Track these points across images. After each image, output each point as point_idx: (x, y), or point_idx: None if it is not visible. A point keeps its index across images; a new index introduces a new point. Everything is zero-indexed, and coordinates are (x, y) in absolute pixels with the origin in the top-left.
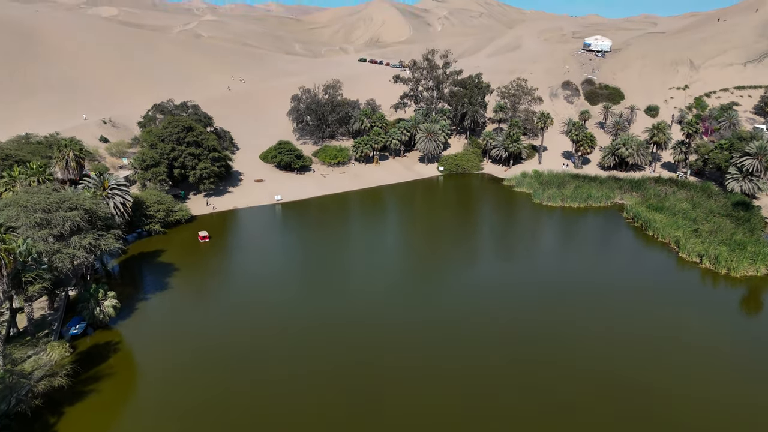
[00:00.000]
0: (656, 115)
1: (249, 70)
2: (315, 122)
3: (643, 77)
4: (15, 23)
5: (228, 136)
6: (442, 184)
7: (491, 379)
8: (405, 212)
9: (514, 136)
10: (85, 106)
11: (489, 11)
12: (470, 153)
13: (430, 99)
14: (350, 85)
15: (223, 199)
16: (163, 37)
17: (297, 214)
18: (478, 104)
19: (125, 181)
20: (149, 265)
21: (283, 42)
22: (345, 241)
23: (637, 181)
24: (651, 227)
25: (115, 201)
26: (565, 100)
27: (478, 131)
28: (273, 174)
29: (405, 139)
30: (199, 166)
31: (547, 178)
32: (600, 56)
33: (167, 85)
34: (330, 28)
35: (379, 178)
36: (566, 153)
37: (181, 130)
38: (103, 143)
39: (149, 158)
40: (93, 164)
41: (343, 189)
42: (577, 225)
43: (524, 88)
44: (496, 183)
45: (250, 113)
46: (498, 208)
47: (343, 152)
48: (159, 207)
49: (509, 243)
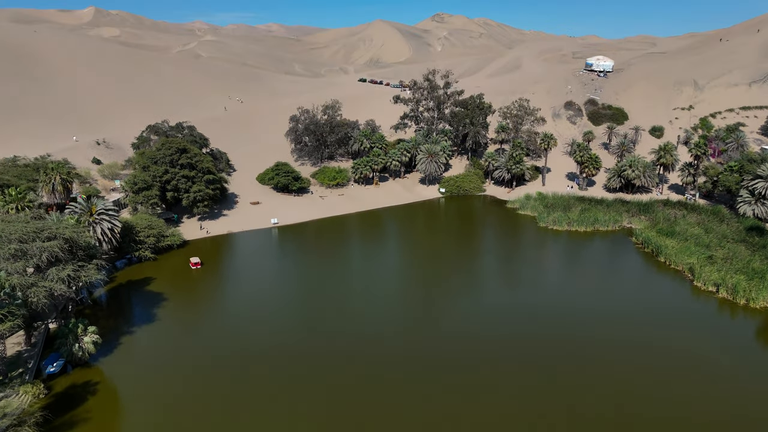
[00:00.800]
0: (661, 135)
1: (248, 91)
2: (313, 143)
3: (647, 97)
4: (10, 43)
5: (224, 157)
6: (444, 207)
7: (494, 412)
8: (405, 236)
9: (517, 158)
10: (79, 127)
11: (489, 32)
12: (472, 174)
13: (431, 119)
14: (350, 106)
15: (217, 223)
16: (162, 57)
17: (294, 238)
18: (480, 125)
19: (114, 206)
20: (137, 294)
21: (282, 62)
22: (343, 268)
23: (644, 204)
24: (662, 253)
25: (102, 227)
26: (567, 120)
27: (480, 152)
28: (270, 196)
29: (405, 160)
30: (192, 189)
31: (551, 200)
32: (602, 76)
33: (164, 106)
34: (330, 48)
35: (378, 200)
36: (570, 174)
37: (174, 151)
38: (96, 165)
39: (141, 181)
40: (84, 187)
41: (342, 211)
42: (584, 250)
43: (527, 109)
44: (499, 205)
45: (248, 134)
46: (502, 232)
47: (342, 174)
48: (149, 232)
49: (514, 269)
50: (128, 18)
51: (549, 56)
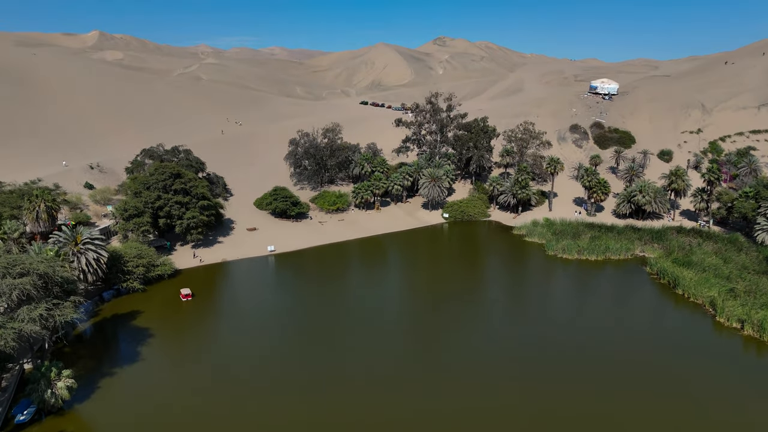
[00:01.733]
0: (670, 159)
1: (248, 113)
2: (313, 167)
3: (654, 121)
4: (7, 65)
5: (221, 182)
6: (448, 233)
7: None
8: (408, 264)
9: (523, 182)
10: (74, 151)
11: (490, 55)
12: (476, 199)
13: (434, 143)
14: (351, 129)
15: (212, 251)
16: (162, 80)
17: (291, 266)
18: (484, 148)
19: (100, 234)
20: (123, 329)
21: (284, 85)
22: (342, 299)
23: (657, 231)
24: (680, 285)
25: (87, 257)
26: (573, 143)
27: (484, 176)
28: (267, 222)
29: (408, 184)
30: (186, 216)
31: (560, 227)
32: (607, 99)
33: (162, 129)
34: (332, 71)
35: (380, 226)
36: (578, 199)
37: (168, 177)
38: (88, 190)
39: (132, 208)
40: (74, 213)
41: (342, 238)
42: (596, 281)
43: (532, 132)
44: (505, 232)
45: (246, 157)
46: (509, 261)
47: (342, 198)
48: (138, 262)
49: (523, 300)
50: (132, 42)
51: (551, 79)
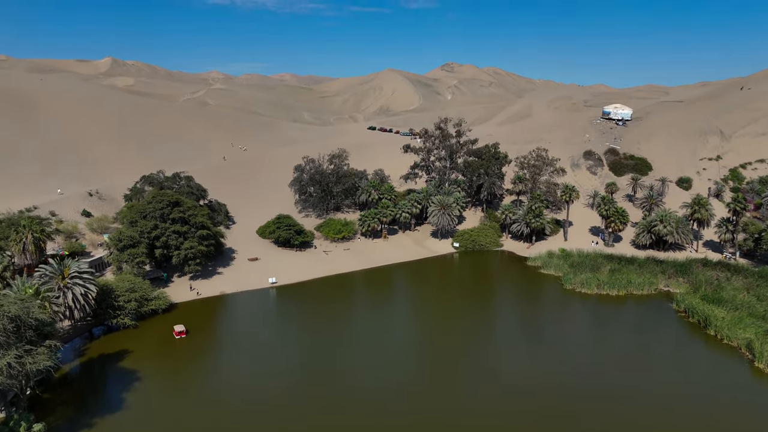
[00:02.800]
0: (689, 187)
1: (254, 138)
2: (319, 194)
3: (671, 147)
4: (14, 90)
5: (223, 209)
6: (458, 263)
7: None
8: (416, 298)
9: (537, 210)
10: (74, 177)
11: (498, 80)
12: (488, 228)
13: (443, 169)
14: (358, 154)
15: (210, 282)
16: (168, 105)
17: (293, 300)
18: (496, 175)
19: (89, 266)
20: (110, 370)
21: (292, 110)
22: (347, 337)
23: (681, 264)
24: (711, 325)
25: (74, 292)
26: (587, 170)
27: (495, 204)
28: (270, 251)
29: (416, 212)
30: (184, 246)
31: (577, 258)
32: (621, 125)
33: (166, 154)
34: (340, 96)
35: (387, 256)
36: (594, 229)
37: (166, 205)
38: (86, 218)
39: (126, 238)
40: (68, 242)
41: (348, 268)
42: (619, 318)
43: (545, 159)
44: (518, 263)
45: (250, 184)
46: (524, 295)
47: (348, 226)
48: (130, 296)
49: (539, 339)
50: (144, 68)
51: (559, 104)
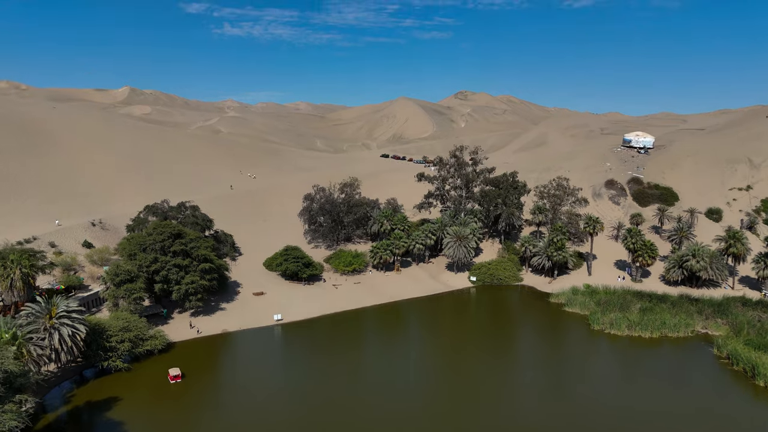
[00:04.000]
0: (720, 219)
1: (264, 166)
2: (329, 224)
3: (698, 176)
4: (24, 118)
5: (230, 240)
6: (475, 299)
7: None
8: (432, 339)
9: (559, 243)
10: (79, 206)
11: (512, 108)
12: (506, 261)
13: (459, 199)
14: (370, 183)
15: (212, 319)
16: (179, 133)
17: (299, 339)
18: (514, 205)
19: (80, 305)
20: (97, 421)
21: (304, 138)
22: (356, 380)
23: (718, 303)
24: (759, 375)
25: (61, 333)
26: (610, 200)
27: (514, 235)
28: (277, 285)
29: (430, 243)
30: (184, 281)
31: (604, 295)
32: (643, 153)
33: (174, 183)
34: (353, 124)
35: (400, 291)
36: (620, 263)
37: (167, 237)
38: (87, 249)
39: (124, 272)
40: (65, 275)
41: (358, 304)
42: (654, 365)
43: (566, 188)
44: (540, 299)
45: (259, 213)
46: (548, 337)
47: (359, 258)
48: (124, 336)
49: (566, 387)
50: (161, 97)
51: (575, 132)
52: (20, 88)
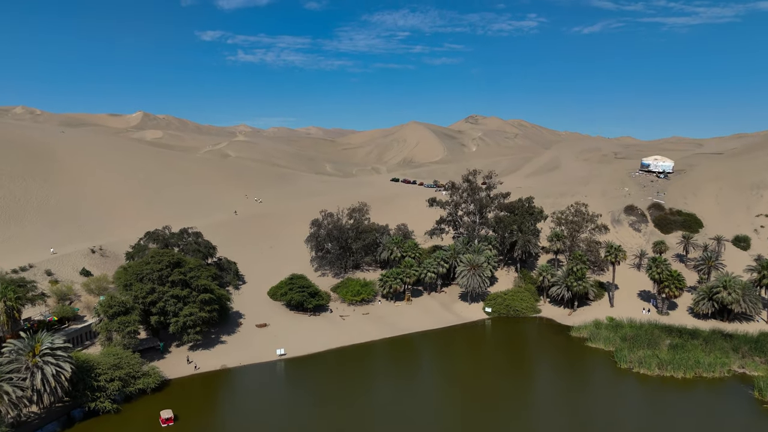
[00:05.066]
0: (748, 247)
1: (272, 190)
2: (336, 251)
3: (722, 202)
4: (32, 142)
5: (233, 268)
6: (491, 333)
7: None
8: (445, 376)
9: (579, 273)
10: (79, 232)
11: (524, 132)
12: (523, 291)
13: (472, 225)
14: (380, 207)
15: (212, 353)
16: (187, 157)
17: (303, 376)
18: (530, 232)
19: (66, 341)
20: None
21: (314, 162)
22: (364, 424)
23: (755, 339)
24: None
25: (45, 372)
26: (630, 226)
27: (530, 263)
28: (281, 315)
29: (443, 271)
30: (183, 312)
31: (629, 330)
32: (662, 178)
33: (178, 207)
34: (363, 149)
35: (411, 323)
36: (643, 293)
37: (165, 266)
38: (84, 277)
39: (118, 304)
40: (59, 306)
41: (366, 337)
42: (689, 410)
43: (584, 214)
44: (560, 333)
45: (264, 238)
46: (571, 376)
47: (367, 288)
48: (114, 374)
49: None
50: (173, 122)
51: (589, 156)
52: (35, 113)
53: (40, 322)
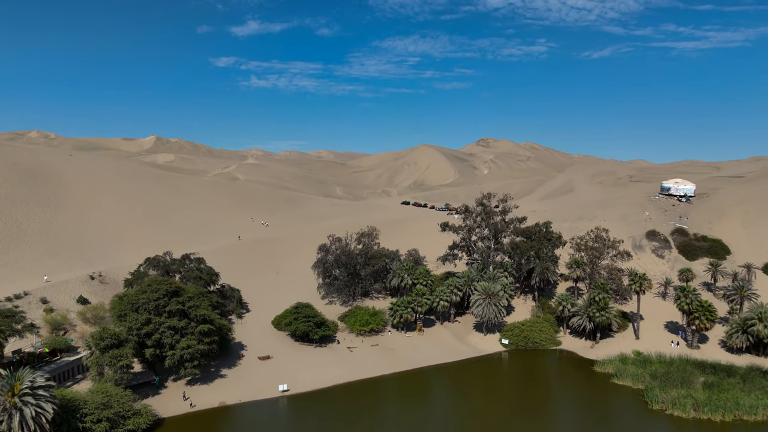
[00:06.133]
0: None
1: (280, 214)
2: (345, 277)
3: (750, 227)
4: (38, 167)
5: (236, 295)
6: (509, 367)
7: None
8: (459, 417)
9: (601, 302)
10: (80, 257)
11: (536, 155)
12: (542, 321)
13: (486, 250)
14: (390, 232)
15: (210, 389)
16: (194, 181)
17: (307, 415)
18: (549, 259)
19: (46, 381)
20: None
21: (324, 185)
22: None
23: None
24: None
25: (24, 414)
26: (653, 253)
27: (548, 291)
28: (285, 347)
29: (456, 300)
30: (179, 345)
31: (659, 366)
32: (684, 202)
33: (182, 232)
34: (374, 171)
35: (423, 356)
36: (670, 325)
37: (162, 295)
38: (81, 305)
39: (110, 336)
40: (51, 337)
41: (375, 371)
42: None
43: (605, 240)
44: (583, 367)
45: (270, 264)
46: (599, 417)
47: (376, 317)
48: (102, 414)
49: None
50: (185, 145)
51: (603, 179)
52: (49, 137)
53: (30, 354)
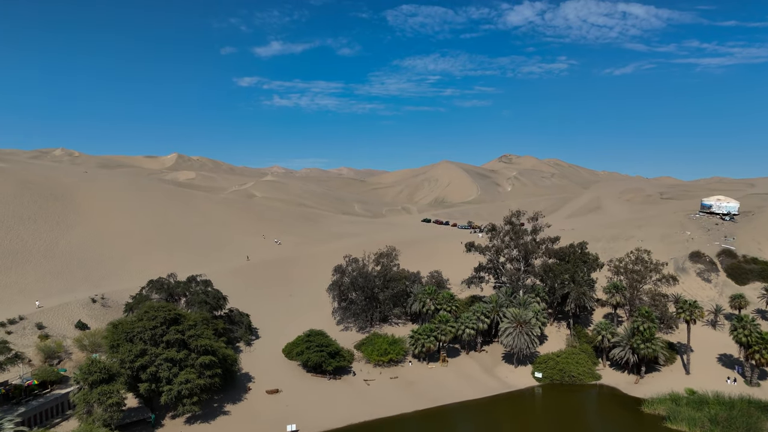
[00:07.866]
0: None
1: (296, 232)
2: (362, 301)
3: None
4: (48, 185)
5: (245, 321)
6: (543, 406)
7: None
8: None
9: (647, 332)
10: (84, 279)
11: (561, 172)
12: (579, 352)
13: (516, 273)
14: (410, 251)
15: (211, 428)
16: (210, 198)
17: None
18: (585, 283)
19: (16, 427)
20: None
21: (342, 203)
22: None
23: None
24: None
25: None
26: (698, 276)
27: (584, 317)
28: (296, 379)
29: (483, 327)
30: (177, 379)
31: (717, 407)
32: (728, 220)
33: (192, 251)
34: (394, 188)
35: (447, 391)
36: (724, 358)
37: (160, 323)
38: (80, 330)
39: (99, 370)
40: (43, 367)
41: (394, 409)
42: None
43: (647, 262)
44: (627, 406)
45: (284, 286)
46: None
47: (396, 346)
48: None
49: None
50: (207, 163)
51: (631, 196)
52: (73, 155)
53: (17, 387)
